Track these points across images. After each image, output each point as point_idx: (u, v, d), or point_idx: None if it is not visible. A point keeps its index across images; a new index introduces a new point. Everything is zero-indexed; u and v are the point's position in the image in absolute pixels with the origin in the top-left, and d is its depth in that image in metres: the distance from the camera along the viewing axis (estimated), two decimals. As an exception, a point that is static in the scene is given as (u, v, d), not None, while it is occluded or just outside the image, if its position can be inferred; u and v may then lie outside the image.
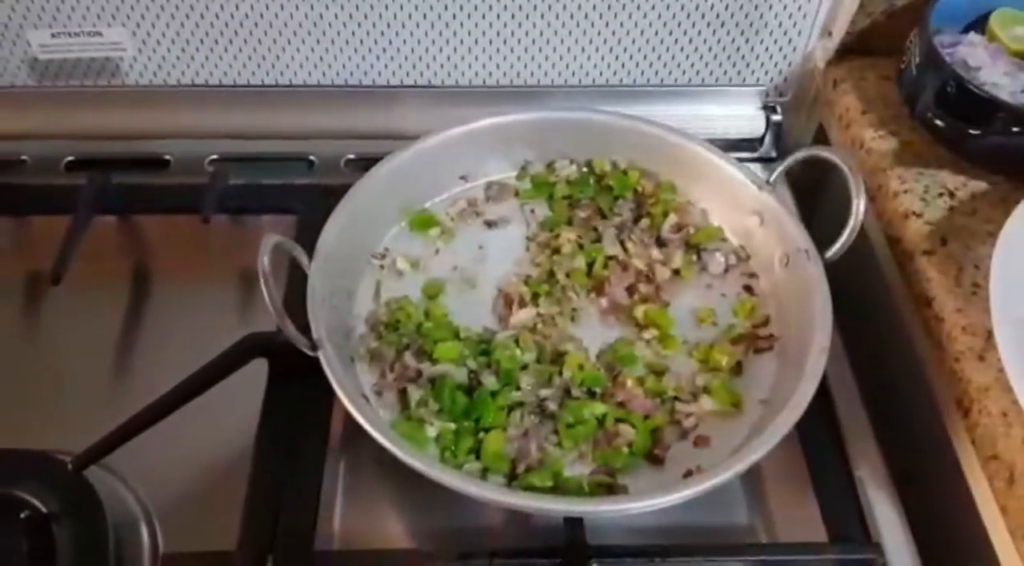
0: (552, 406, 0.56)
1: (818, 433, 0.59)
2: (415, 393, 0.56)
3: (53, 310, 0.69)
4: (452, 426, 0.55)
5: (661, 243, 0.67)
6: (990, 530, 0.53)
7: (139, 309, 0.70)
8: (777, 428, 0.52)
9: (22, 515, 0.51)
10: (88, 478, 0.53)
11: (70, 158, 0.78)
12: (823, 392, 0.59)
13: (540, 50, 0.75)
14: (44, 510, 0.51)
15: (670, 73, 0.78)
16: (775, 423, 0.52)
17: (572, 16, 0.73)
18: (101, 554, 0.50)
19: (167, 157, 0.79)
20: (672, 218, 0.68)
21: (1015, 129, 0.62)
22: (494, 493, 0.50)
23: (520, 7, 0.72)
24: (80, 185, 0.72)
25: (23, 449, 0.54)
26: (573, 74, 0.77)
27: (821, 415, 0.59)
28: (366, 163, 0.71)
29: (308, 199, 0.73)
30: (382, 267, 0.66)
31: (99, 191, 0.72)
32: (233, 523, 0.53)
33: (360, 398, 0.53)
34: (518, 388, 0.57)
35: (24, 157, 0.78)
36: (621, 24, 0.73)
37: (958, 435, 0.57)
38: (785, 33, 0.76)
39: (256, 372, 0.60)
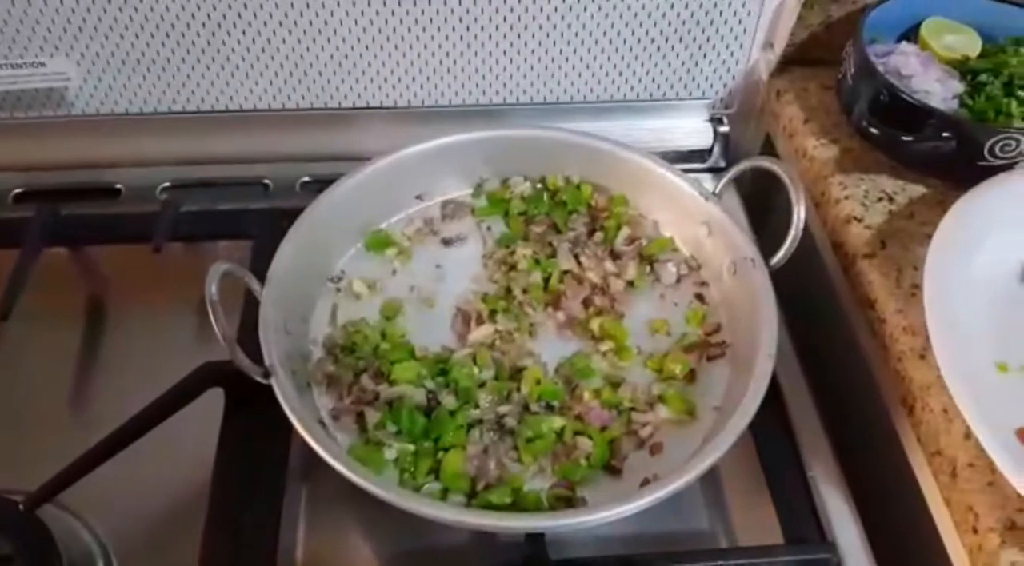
0: (511, 422, 0.57)
1: (772, 436, 0.60)
2: (372, 416, 0.56)
3: (4, 345, 0.68)
4: (411, 447, 0.55)
5: (615, 256, 0.68)
6: (938, 524, 0.55)
7: (94, 341, 0.69)
8: (729, 433, 0.53)
9: (-26, 558, 0.50)
10: (41, 517, 0.52)
11: (18, 190, 0.77)
12: (775, 395, 0.61)
13: (491, 70, 0.76)
14: (-3, 552, 0.50)
15: (618, 89, 0.79)
16: (727, 428, 0.53)
17: (520, 36, 0.74)
18: (57, 594, 0.49)
19: (118, 186, 0.78)
20: (625, 231, 0.69)
21: (946, 134, 0.64)
22: (452, 514, 0.50)
23: (468, 28, 0.73)
24: (28, 217, 0.71)
25: (-27, 490, 0.53)
26: (524, 92, 0.78)
27: (774, 418, 0.61)
28: (322, 185, 0.71)
29: (263, 223, 0.72)
30: (338, 290, 0.66)
31: (48, 222, 0.71)
32: (193, 556, 0.53)
33: (316, 424, 0.53)
34: (476, 406, 0.58)
35: (-31, 190, 0.77)
36: (568, 43, 0.75)
37: (905, 433, 0.59)
38: (728, 47, 0.77)
39: (213, 401, 0.60)
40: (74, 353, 0.68)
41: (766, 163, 0.63)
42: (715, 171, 0.81)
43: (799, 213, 0.59)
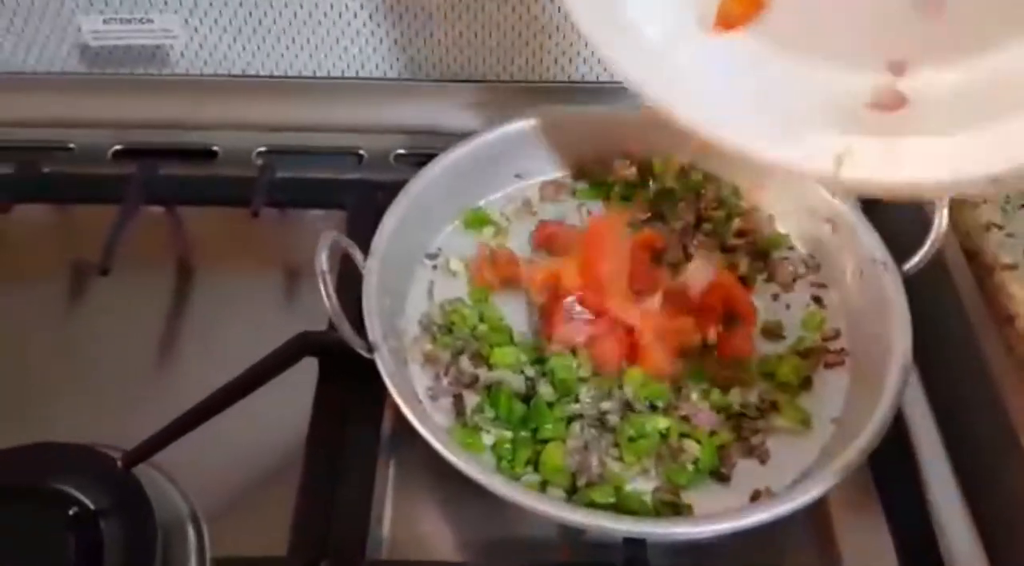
0: (613, 419, 0.54)
1: (890, 457, 0.55)
2: (471, 399, 0.54)
3: (99, 301, 0.68)
4: (509, 435, 0.53)
5: (726, 249, 0.65)
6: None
7: (185, 302, 0.68)
8: (853, 451, 0.49)
9: (70, 511, 0.50)
10: (137, 476, 0.52)
11: (117, 147, 0.77)
12: (896, 415, 0.56)
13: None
14: (92, 507, 0.50)
15: (735, 73, 0.75)
16: (852, 448, 0.49)
17: (636, 11, 0.70)
18: (149, 553, 0.49)
19: (215, 148, 0.77)
20: (737, 223, 0.65)
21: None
22: (555, 508, 0.47)
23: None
24: (128, 174, 0.71)
25: (72, 443, 0.53)
26: (633, 72, 0.74)
27: (893, 438, 0.56)
28: (416, 158, 0.70)
29: (357, 194, 0.71)
30: (435, 267, 0.64)
31: (147, 181, 0.71)
32: (282, 527, 0.51)
33: (416, 402, 0.51)
34: (576, 400, 0.55)
35: (71, 145, 0.77)
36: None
37: (1042, 464, 0.54)
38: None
39: (306, 371, 0.58)
40: (167, 312, 0.67)
41: (905, 159, 0.58)
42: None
43: (942, 216, 0.55)
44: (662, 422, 0.54)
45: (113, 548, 0.49)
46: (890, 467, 0.56)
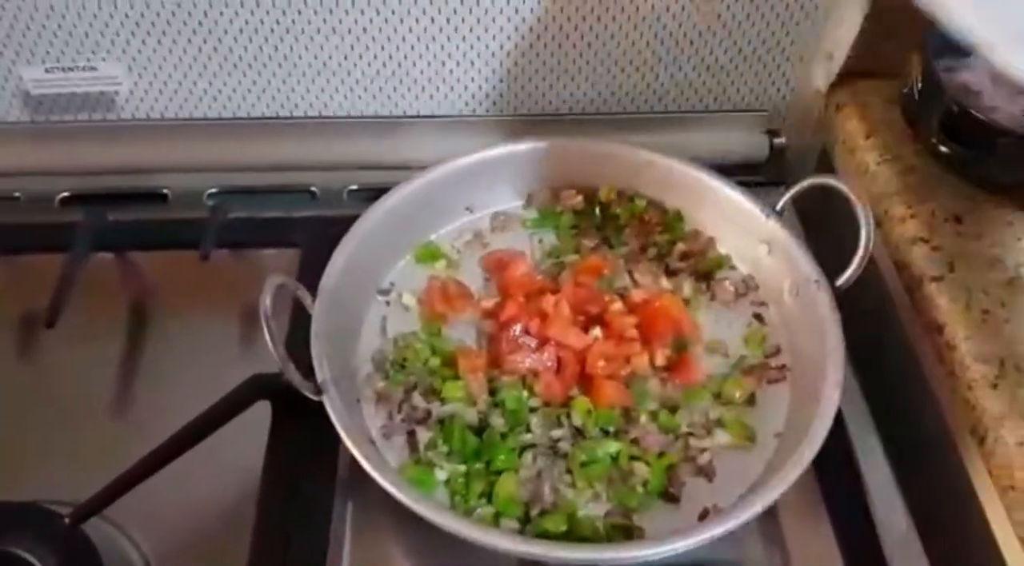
0: (565, 446, 0.55)
1: (833, 466, 0.58)
2: (424, 435, 0.55)
3: (49, 352, 0.68)
4: (463, 468, 0.54)
5: (670, 272, 0.67)
6: (1008, 560, 0.52)
7: (138, 349, 0.68)
8: (794, 465, 0.51)
9: (19, 572, 0.50)
10: (86, 531, 0.52)
11: (65, 194, 0.77)
12: (837, 422, 0.58)
13: (544, 79, 0.75)
14: (40, 566, 0.50)
15: (674, 99, 0.77)
16: (792, 459, 0.51)
17: (575, 46, 0.72)
18: (102, 610, 0.49)
19: (165, 191, 0.78)
20: (680, 247, 0.67)
21: (1019, 153, 0.61)
22: (507, 542, 0.48)
23: (523, 37, 0.72)
24: (76, 222, 0.71)
25: (18, 502, 0.53)
26: (577, 102, 0.77)
27: (835, 447, 0.58)
28: (369, 194, 0.71)
29: (311, 231, 0.72)
30: (387, 303, 0.65)
31: (96, 228, 0.71)
32: (239, 567, 0.52)
33: (367, 443, 0.52)
34: (528, 430, 0.56)
35: (17, 194, 0.77)
36: (624, 52, 0.73)
37: (974, 464, 0.56)
38: (787, 57, 0.75)
39: (260, 414, 0.59)
40: (119, 360, 0.67)
41: (832, 181, 0.61)
42: (769, 185, 0.79)
43: (867, 234, 0.57)
44: (613, 446, 0.56)
45: (65, 605, 0.48)
46: (833, 472, 0.58)
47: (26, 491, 0.54)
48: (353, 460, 0.51)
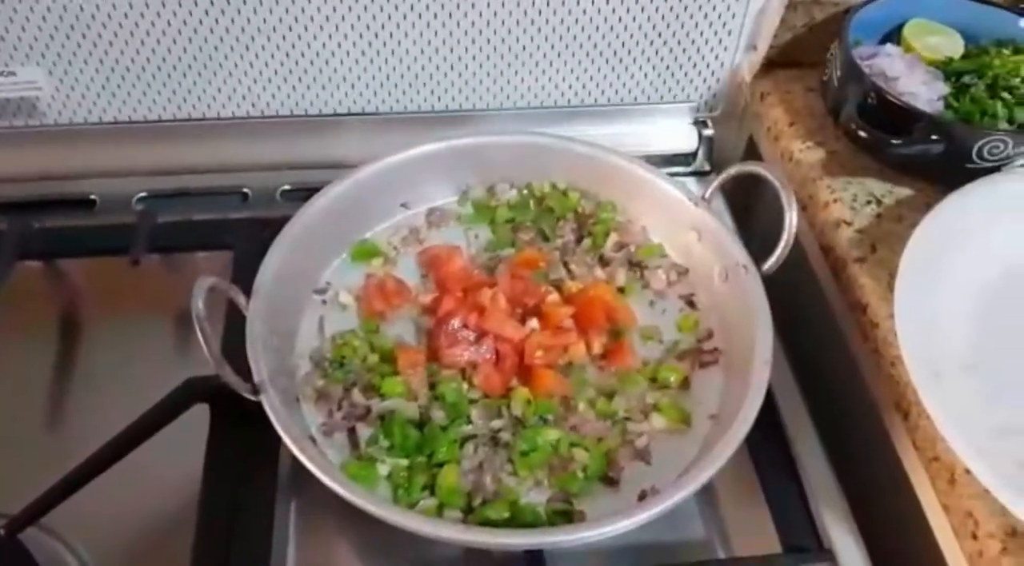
0: (506, 436, 0.56)
1: (766, 444, 0.60)
2: (364, 431, 0.55)
3: (-23, 364, 0.66)
4: (405, 463, 0.54)
5: (604, 262, 0.68)
6: (936, 530, 0.55)
7: (70, 357, 0.67)
8: (727, 444, 0.52)
9: (-49, 589, 0.48)
10: (23, 542, 0.50)
11: (-12, 202, 0.75)
12: (768, 403, 0.60)
13: (475, 74, 0.75)
14: (-25, 581, 0.49)
15: (602, 92, 0.78)
16: (724, 439, 0.52)
17: (503, 40, 0.73)
18: (41, 624, 0.48)
19: (92, 197, 0.76)
20: (613, 237, 0.69)
21: (935, 137, 0.64)
22: (450, 531, 0.49)
23: (451, 33, 0.72)
24: (0, 230, 0.69)
25: (-52, 517, 0.51)
26: (508, 97, 0.77)
27: (768, 425, 0.60)
28: (303, 193, 0.70)
29: (243, 233, 0.71)
30: (324, 302, 0.65)
31: (21, 236, 0.69)
32: (182, 574, 0.51)
33: (307, 441, 0.52)
34: (469, 421, 0.56)
35: (-62, 204, 0.74)
36: (552, 47, 0.74)
37: (899, 438, 0.59)
38: (712, 49, 0.77)
39: (198, 417, 0.58)
40: (50, 369, 0.65)
41: (757, 168, 0.62)
42: (700, 174, 0.81)
43: (791, 219, 0.59)
44: (552, 434, 0.56)
45: (3, 622, 0.47)
46: (766, 449, 0.60)
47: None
48: (294, 459, 0.51)
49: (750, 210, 0.79)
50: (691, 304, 0.66)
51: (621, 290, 0.66)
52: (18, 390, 0.64)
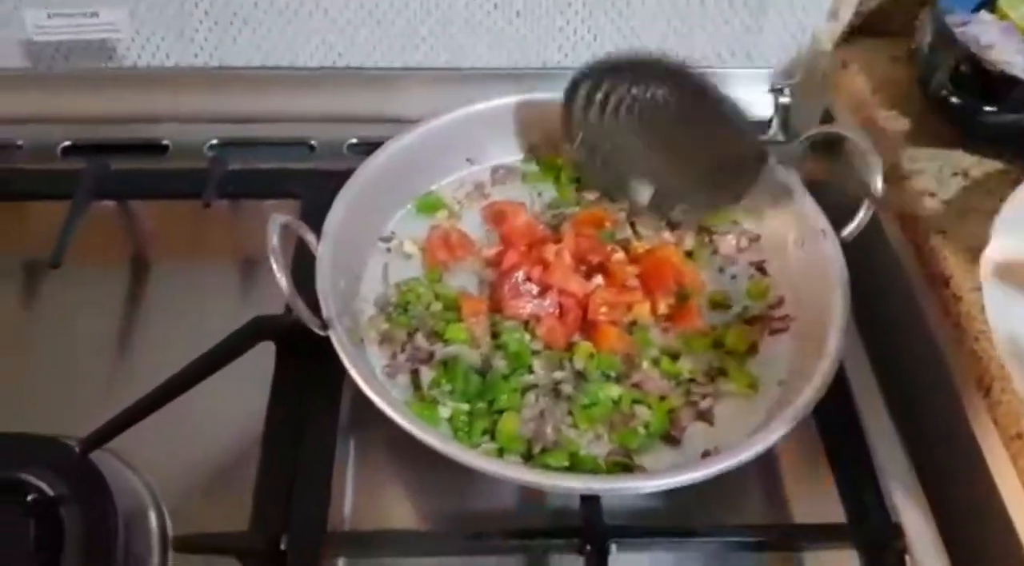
0: (567, 388, 0.55)
1: (834, 414, 0.58)
2: (427, 374, 0.55)
3: (53, 296, 0.68)
4: (465, 407, 0.54)
5: (672, 225, 0.66)
6: (1011, 508, 0.53)
7: (140, 295, 0.68)
8: (797, 409, 0.51)
9: (29, 498, 0.50)
10: (95, 462, 0.52)
11: (66, 143, 0.76)
12: (838, 373, 0.58)
13: (546, 31, 0.74)
14: (51, 493, 0.50)
15: (677, 54, 0.76)
16: (795, 404, 0.51)
17: (580, -3, 0.72)
18: (110, 537, 0.49)
19: (165, 142, 0.77)
20: (678, 206, 0.67)
21: (1029, 106, 0.61)
22: (510, 470, 0.49)
23: (528, -13, 0.71)
24: (78, 170, 0.71)
25: (29, 433, 0.53)
26: (580, 55, 0.76)
27: (837, 396, 0.58)
28: (369, 148, 0.70)
29: (310, 184, 0.71)
30: (389, 250, 0.65)
31: (98, 176, 0.71)
32: (242, 505, 0.52)
33: (372, 378, 0.52)
34: (530, 371, 0.56)
35: (20, 142, 0.76)
36: (628, 4, 0.73)
37: (978, 415, 0.56)
38: (793, 14, 0.75)
39: (262, 356, 0.59)
40: (122, 305, 0.67)
41: (842, 130, 0.60)
42: (774, 144, 0.79)
43: (877, 182, 0.57)
44: (614, 390, 0.56)
45: (74, 533, 0.49)
46: (834, 417, 0.58)
47: (36, 426, 0.54)
48: (356, 399, 0.52)
49: (820, 185, 0.77)
50: (762, 270, 0.65)
51: (689, 254, 0.65)
52: (91, 322, 0.66)
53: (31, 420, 0.54)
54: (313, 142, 0.78)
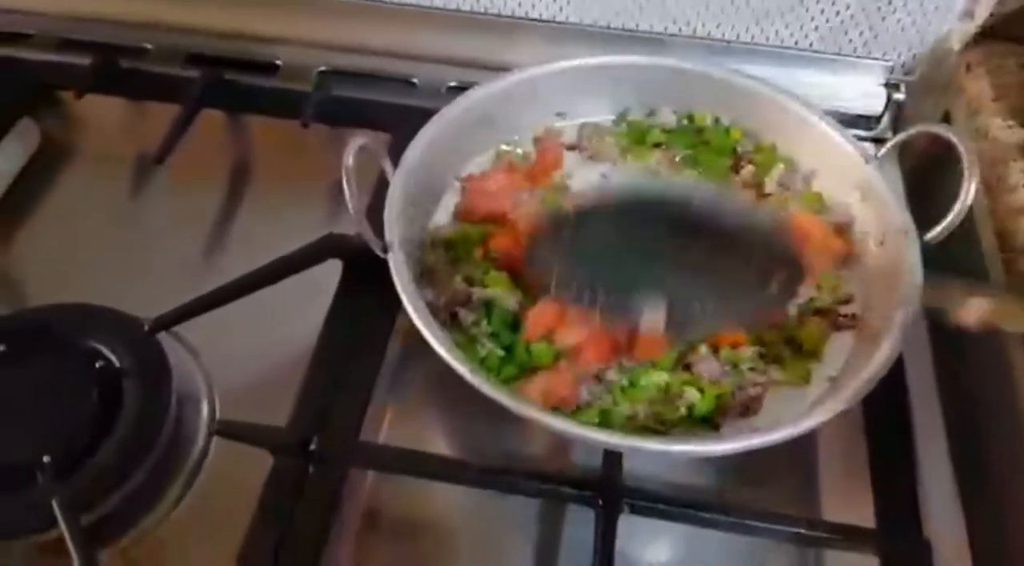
0: (611, 375, 0.54)
1: (885, 413, 0.56)
2: (467, 316, 0.56)
3: (155, 191, 0.73)
4: (501, 352, 0.54)
5: (763, 196, 0.64)
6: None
7: (233, 200, 0.73)
8: (840, 401, 0.49)
9: (96, 365, 0.54)
10: (160, 343, 0.56)
11: (190, 52, 0.81)
12: (896, 374, 0.56)
13: (662, -2, 0.73)
14: (117, 364, 0.54)
15: (791, 35, 0.74)
16: (838, 396, 0.50)
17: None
18: (163, 412, 0.53)
19: (278, 62, 0.81)
20: (779, 169, 0.65)
21: None
22: (537, 413, 0.48)
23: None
24: (193, 77, 0.75)
25: (106, 306, 0.57)
26: (688, 24, 0.75)
27: (890, 396, 0.56)
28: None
29: (404, 119, 0.72)
30: (463, 189, 0.66)
31: (209, 84, 0.75)
32: (288, 405, 0.55)
33: (420, 302, 0.53)
34: None
35: (148, 46, 0.81)
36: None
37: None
38: (922, 9, 0.71)
39: (333, 275, 0.62)
40: (215, 208, 0.72)
41: (940, 130, 0.57)
42: (879, 141, 0.75)
43: (970, 186, 0.54)
44: (662, 377, 0.54)
45: (131, 403, 0.53)
46: (884, 420, 0.56)
47: (116, 303, 0.59)
48: (407, 332, 0.53)
49: (927, 189, 0.73)
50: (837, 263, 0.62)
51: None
52: (182, 219, 0.71)
53: (112, 298, 0.59)
54: (415, 80, 0.80)
